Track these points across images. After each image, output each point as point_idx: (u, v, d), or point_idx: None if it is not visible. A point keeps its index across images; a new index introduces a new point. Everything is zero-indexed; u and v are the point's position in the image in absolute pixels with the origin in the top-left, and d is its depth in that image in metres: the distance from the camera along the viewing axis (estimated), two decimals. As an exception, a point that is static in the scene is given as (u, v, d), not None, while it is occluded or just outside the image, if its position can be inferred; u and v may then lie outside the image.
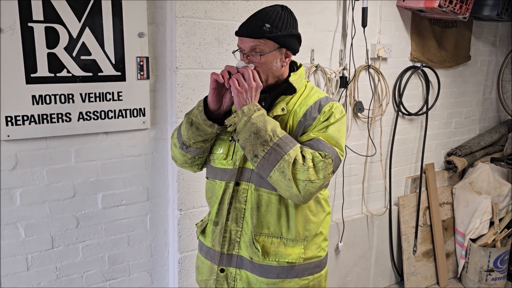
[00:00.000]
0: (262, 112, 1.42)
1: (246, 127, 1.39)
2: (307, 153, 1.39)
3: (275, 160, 1.37)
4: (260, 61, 1.45)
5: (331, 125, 1.47)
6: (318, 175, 1.38)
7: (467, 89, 3.62)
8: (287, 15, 1.49)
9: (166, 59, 2.20)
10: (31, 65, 1.89)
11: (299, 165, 1.36)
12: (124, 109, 2.14)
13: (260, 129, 1.38)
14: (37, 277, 2.10)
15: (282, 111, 1.49)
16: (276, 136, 1.39)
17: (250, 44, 1.44)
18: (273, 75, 1.50)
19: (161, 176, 2.32)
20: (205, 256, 1.67)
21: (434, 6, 2.74)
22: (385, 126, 3.15)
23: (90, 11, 1.97)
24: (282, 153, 1.37)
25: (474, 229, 3.39)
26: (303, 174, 1.36)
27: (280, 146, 1.38)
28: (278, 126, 1.42)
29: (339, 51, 2.81)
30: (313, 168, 1.37)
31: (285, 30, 1.45)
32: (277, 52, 1.47)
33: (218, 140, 1.61)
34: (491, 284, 3.34)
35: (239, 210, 1.54)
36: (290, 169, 1.36)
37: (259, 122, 1.39)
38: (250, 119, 1.39)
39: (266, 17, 1.44)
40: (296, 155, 1.37)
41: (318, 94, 1.55)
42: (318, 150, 1.41)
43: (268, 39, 1.43)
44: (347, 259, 3.17)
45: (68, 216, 2.12)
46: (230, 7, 2.20)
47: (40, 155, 2.00)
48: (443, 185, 3.58)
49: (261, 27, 1.42)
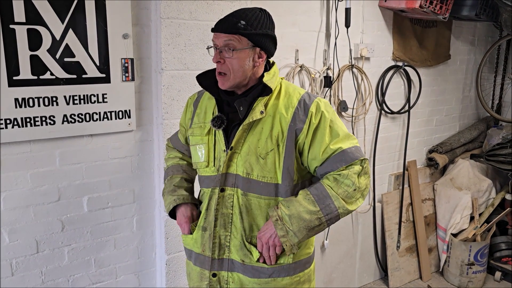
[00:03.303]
0: (287, 215, 1.46)
1: (300, 233, 1.47)
2: (343, 184, 1.46)
3: (336, 218, 1.49)
4: (232, 57, 1.45)
5: (332, 125, 1.50)
6: (364, 183, 1.49)
7: (447, 87, 3.70)
8: (264, 16, 1.49)
9: (151, 61, 2.19)
10: (13, 68, 1.86)
11: (350, 195, 1.47)
12: (109, 111, 2.12)
13: (307, 225, 1.46)
14: (22, 282, 2.07)
15: (261, 114, 1.48)
16: (316, 214, 1.45)
17: (224, 39, 1.45)
18: (244, 74, 1.48)
19: (147, 178, 2.31)
20: (194, 263, 1.66)
21: (415, 6, 2.79)
22: (368, 124, 3.20)
23: (73, 12, 1.95)
24: (335, 211, 1.46)
25: (455, 224, 3.47)
26: (357, 194, 1.48)
27: (327, 213, 1.46)
28: (304, 205, 1.46)
29: (323, 51, 2.84)
30: (359, 190, 1.48)
31: (260, 30, 1.46)
32: (250, 51, 1.46)
33: (196, 148, 1.62)
34: (471, 277, 3.43)
35: (227, 216, 1.55)
36: (349, 206, 1.47)
37: (300, 223, 1.45)
38: (294, 231, 1.46)
39: (243, 15, 1.45)
40: (341, 198, 1.46)
41: (298, 91, 1.55)
42: (349, 164, 1.47)
43: (241, 35, 1.44)
44: (333, 256, 3.21)
45: (53, 220, 2.09)
46: (215, 8, 2.20)
47: (23, 158, 1.97)
48: (425, 182, 3.66)
49: (236, 24, 1.43)
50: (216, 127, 1.52)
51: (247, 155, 1.49)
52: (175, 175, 1.76)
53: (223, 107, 1.57)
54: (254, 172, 1.50)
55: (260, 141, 1.48)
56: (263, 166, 1.49)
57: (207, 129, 1.58)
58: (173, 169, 1.79)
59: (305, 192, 1.48)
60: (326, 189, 1.46)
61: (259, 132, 1.49)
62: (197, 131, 1.62)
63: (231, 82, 1.48)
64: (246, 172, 1.50)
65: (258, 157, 1.48)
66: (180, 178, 1.75)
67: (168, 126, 2.19)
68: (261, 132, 1.49)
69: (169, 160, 1.84)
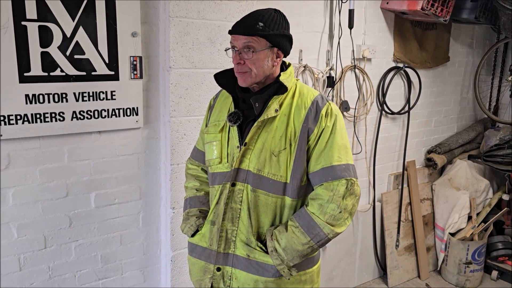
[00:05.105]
0: (282, 248, 1.52)
1: (295, 260, 1.54)
2: (328, 208, 1.51)
3: (327, 242, 1.54)
4: (252, 58, 1.49)
5: (334, 133, 1.54)
6: (351, 203, 1.53)
7: (445, 89, 3.76)
8: (280, 17, 1.54)
9: (159, 59, 2.21)
10: (24, 64, 1.87)
11: (337, 217, 1.51)
12: (117, 108, 2.14)
13: (300, 254, 1.52)
14: (29, 277, 2.08)
15: (275, 112, 1.53)
16: (307, 244, 1.51)
17: (243, 41, 1.49)
18: (264, 74, 1.53)
19: (153, 175, 2.33)
20: (198, 257, 1.69)
21: (417, 8, 2.84)
22: (369, 124, 3.24)
23: (83, 10, 1.97)
24: (325, 237, 1.51)
25: (453, 223, 3.53)
26: (344, 214, 1.52)
27: (318, 240, 1.52)
28: (295, 236, 1.52)
29: (326, 51, 2.88)
30: (346, 211, 1.52)
31: (277, 30, 1.50)
32: (269, 51, 1.51)
33: (210, 145, 1.65)
34: (469, 276, 3.48)
35: (235, 210, 1.58)
36: (338, 228, 1.52)
37: (293, 253, 1.52)
38: (289, 260, 1.53)
39: (259, 16, 1.49)
40: (328, 224, 1.50)
41: (312, 93, 1.60)
42: (335, 180, 1.51)
43: (260, 37, 1.48)
44: (333, 254, 3.25)
45: (61, 215, 2.11)
46: (222, 8, 2.23)
47: (33, 154, 1.98)
48: (423, 182, 3.71)
49: (255, 25, 1.47)
50: (232, 123, 1.56)
51: (261, 152, 1.52)
52: (192, 208, 1.79)
53: (238, 104, 1.62)
54: (266, 169, 1.53)
55: (274, 138, 1.52)
56: (275, 164, 1.52)
57: (221, 126, 1.62)
58: (190, 201, 1.81)
59: (293, 223, 1.53)
60: (313, 218, 1.51)
61: (273, 130, 1.53)
62: (211, 129, 1.66)
63: (252, 79, 1.52)
64: (258, 168, 1.53)
65: (271, 154, 1.52)
66: (196, 209, 1.78)
67: (175, 124, 2.22)
68: (275, 130, 1.52)
69: (187, 190, 1.85)
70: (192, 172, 1.85)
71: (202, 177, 1.81)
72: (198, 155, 1.83)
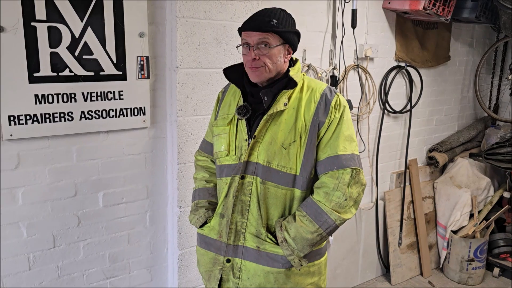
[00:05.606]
0: (291, 238, 1.55)
1: (305, 250, 1.57)
2: (334, 196, 1.54)
3: (335, 229, 1.57)
4: (268, 53, 1.52)
5: (340, 124, 1.57)
6: (356, 191, 1.56)
7: (446, 87, 3.79)
8: (288, 15, 1.59)
9: (166, 59, 2.23)
10: (33, 64, 1.89)
11: (343, 205, 1.54)
12: (124, 108, 2.16)
13: (310, 242, 1.55)
14: (39, 276, 2.09)
15: (284, 106, 1.56)
16: (316, 232, 1.53)
17: (258, 37, 1.51)
18: (277, 69, 1.57)
19: (160, 174, 2.35)
20: (208, 248, 1.71)
21: (419, 8, 2.87)
22: (372, 123, 3.27)
23: (92, 11, 1.99)
24: (333, 224, 1.54)
25: (455, 221, 3.55)
26: (349, 202, 1.55)
27: (327, 227, 1.54)
28: (304, 225, 1.54)
29: (329, 51, 2.90)
30: (351, 199, 1.55)
31: (289, 27, 1.55)
32: (282, 47, 1.55)
33: (218, 138, 1.68)
34: (471, 273, 3.51)
35: (244, 203, 1.60)
36: (344, 215, 1.55)
37: (303, 242, 1.54)
38: (299, 250, 1.55)
39: (272, 14, 1.53)
40: (335, 211, 1.53)
41: (320, 86, 1.63)
42: (340, 169, 1.54)
43: (275, 33, 1.51)
44: (337, 252, 3.27)
45: (69, 215, 2.12)
46: (228, 8, 2.25)
47: (42, 154, 2.00)
48: (425, 180, 3.74)
49: (269, 22, 1.51)
50: (241, 116, 1.59)
51: (270, 145, 1.55)
52: (201, 199, 1.81)
53: (247, 98, 1.65)
54: (275, 162, 1.56)
55: (283, 131, 1.55)
56: (285, 156, 1.55)
57: (229, 119, 1.66)
58: (200, 192, 1.84)
59: (301, 213, 1.56)
60: (320, 206, 1.54)
61: (282, 123, 1.56)
62: (220, 121, 1.70)
63: (267, 74, 1.55)
64: (267, 161, 1.56)
65: (281, 146, 1.55)
66: (205, 201, 1.81)
67: (181, 123, 2.24)
68: (284, 123, 1.56)
69: (196, 181, 1.88)
70: (202, 163, 1.87)
71: (211, 168, 1.84)
72: (207, 147, 1.86)
